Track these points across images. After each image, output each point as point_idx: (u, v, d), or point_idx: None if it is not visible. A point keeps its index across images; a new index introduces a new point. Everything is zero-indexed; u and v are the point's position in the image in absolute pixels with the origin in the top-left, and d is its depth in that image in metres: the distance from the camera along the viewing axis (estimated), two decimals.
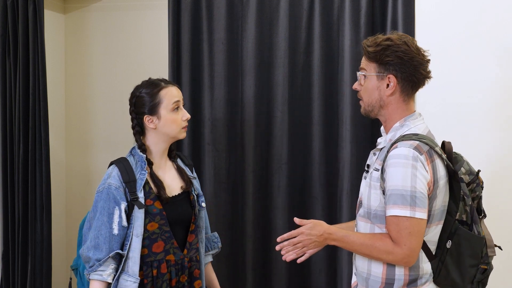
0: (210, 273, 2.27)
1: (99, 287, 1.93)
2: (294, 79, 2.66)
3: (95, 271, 1.91)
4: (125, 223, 1.94)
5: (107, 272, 1.92)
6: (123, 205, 1.94)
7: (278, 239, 1.78)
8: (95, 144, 3.09)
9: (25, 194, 2.68)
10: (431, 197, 1.67)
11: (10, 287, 2.75)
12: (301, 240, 1.73)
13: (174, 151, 2.17)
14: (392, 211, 1.64)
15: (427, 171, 1.65)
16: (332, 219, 2.63)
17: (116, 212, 1.93)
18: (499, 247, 1.83)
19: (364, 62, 1.81)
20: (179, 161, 2.19)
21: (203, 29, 2.71)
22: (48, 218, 2.67)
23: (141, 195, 1.97)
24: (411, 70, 1.72)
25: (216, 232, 2.31)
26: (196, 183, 2.20)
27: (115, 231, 1.92)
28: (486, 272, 1.75)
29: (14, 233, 2.72)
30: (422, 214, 1.63)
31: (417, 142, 1.66)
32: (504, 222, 2.43)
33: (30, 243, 2.67)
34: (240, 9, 2.69)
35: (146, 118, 2.03)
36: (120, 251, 1.94)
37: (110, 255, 1.92)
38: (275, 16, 2.66)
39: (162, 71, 2.70)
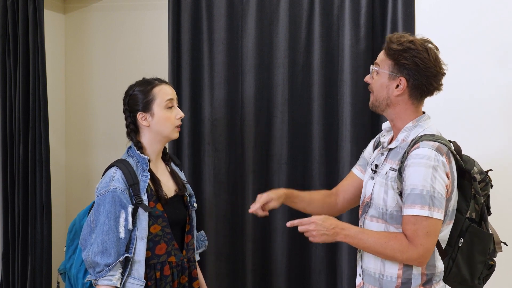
0: (198, 272, 2.27)
1: None
2: (294, 79, 2.66)
3: (104, 276, 1.88)
4: (131, 226, 1.92)
5: (116, 276, 1.89)
6: (130, 208, 1.92)
7: (288, 224, 1.75)
8: (95, 144, 3.09)
9: (25, 194, 2.68)
10: (448, 198, 1.68)
11: (10, 287, 2.75)
12: (309, 229, 1.69)
13: (168, 154, 2.18)
14: (410, 210, 1.64)
15: (447, 174, 1.66)
16: None
17: (122, 215, 1.90)
18: (505, 243, 1.85)
19: (381, 57, 1.80)
20: (172, 165, 2.19)
21: (203, 29, 2.71)
22: (48, 218, 2.67)
23: (144, 197, 1.96)
24: (423, 79, 1.72)
25: (203, 231, 2.31)
26: (188, 186, 2.21)
27: (122, 235, 1.90)
28: (492, 268, 1.78)
29: (14, 233, 2.72)
30: (440, 215, 1.63)
31: (437, 143, 1.67)
32: (509, 221, 2.43)
33: (30, 243, 2.67)
34: (240, 9, 2.69)
35: (140, 115, 2.02)
36: (129, 255, 1.92)
37: (120, 259, 1.89)
38: (275, 16, 2.66)
39: (162, 71, 2.70)
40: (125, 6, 3.02)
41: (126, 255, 1.91)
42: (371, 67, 1.82)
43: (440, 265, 1.74)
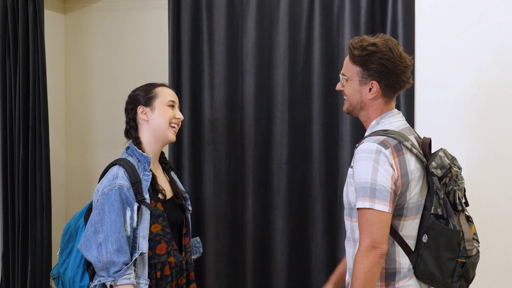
0: None
1: None
2: (294, 79, 2.66)
3: (123, 275, 1.84)
4: (135, 224, 1.91)
5: (133, 274, 1.87)
6: (136, 206, 1.92)
7: None
8: (95, 144, 3.09)
9: (25, 194, 2.68)
10: (402, 190, 1.69)
11: (10, 287, 2.75)
12: None
13: (168, 163, 2.20)
14: (357, 204, 1.68)
15: (391, 165, 1.67)
16: (331, 219, 2.64)
17: (128, 213, 1.90)
18: (477, 240, 1.82)
19: (347, 64, 1.82)
20: (172, 174, 2.21)
21: (203, 29, 2.71)
22: (48, 218, 2.67)
23: (147, 196, 1.96)
24: (393, 78, 1.76)
25: (198, 237, 2.31)
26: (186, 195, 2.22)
27: (128, 233, 1.90)
28: (465, 266, 1.72)
29: (14, 233, 2.72)
30: (383, 207, 1.64)
31: (384, 137, 1.70)
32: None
33: (30, 243, 2.67)
34: (240, 9, 2.69)
35: (140, 109, 2.05)
36: (144, 252, 1.91)
37: (136, 256, 1.88)
38: (275, 16, 2.66)
39: (162, 71, 2.71)
40: (125, 6, 3.02)
41: (140, 252, 1.89)
42: (340, 76, 1.85)
43: (403, 261, 1.73)
